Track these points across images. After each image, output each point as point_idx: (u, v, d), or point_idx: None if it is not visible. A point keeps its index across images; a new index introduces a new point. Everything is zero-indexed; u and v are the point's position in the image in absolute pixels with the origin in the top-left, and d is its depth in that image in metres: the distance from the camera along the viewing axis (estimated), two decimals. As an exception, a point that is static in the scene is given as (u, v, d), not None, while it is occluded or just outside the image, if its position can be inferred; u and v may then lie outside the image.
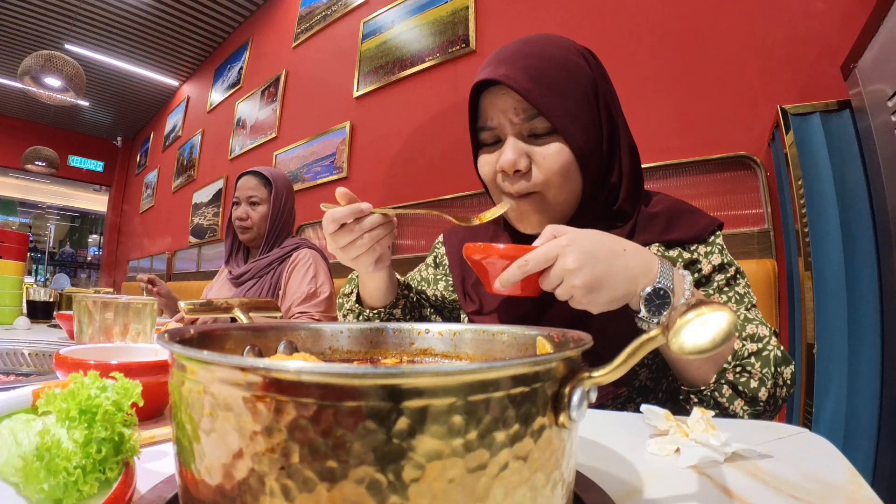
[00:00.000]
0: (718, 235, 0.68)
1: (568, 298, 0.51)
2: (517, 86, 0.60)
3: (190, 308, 0.64)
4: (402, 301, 0.78)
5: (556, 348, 0.29)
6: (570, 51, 0.65)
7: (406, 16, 2.42)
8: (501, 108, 0.63)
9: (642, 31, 1.61)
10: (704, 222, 0.67)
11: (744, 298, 0.64)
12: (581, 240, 0.50)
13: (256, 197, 1.55)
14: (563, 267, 0.49)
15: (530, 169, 0.63)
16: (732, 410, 0.56)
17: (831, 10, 1.26)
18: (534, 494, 0.20)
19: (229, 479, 0.19)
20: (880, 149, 0.96)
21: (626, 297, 0.51)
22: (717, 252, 0.66)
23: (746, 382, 0.55)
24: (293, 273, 1.48)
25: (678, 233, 0.66)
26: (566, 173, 0.63)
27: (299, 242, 1.57)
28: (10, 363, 0.95)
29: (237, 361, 0.19)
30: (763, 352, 0.56)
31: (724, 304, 0.62)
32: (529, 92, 0.60)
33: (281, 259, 1.52)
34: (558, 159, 0.62)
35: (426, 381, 0.18)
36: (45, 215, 8.00)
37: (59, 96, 3.68)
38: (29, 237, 1.60)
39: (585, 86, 0.63)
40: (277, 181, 1.57)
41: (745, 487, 0.34)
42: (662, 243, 0.66)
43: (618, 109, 0.68)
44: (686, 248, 0.66)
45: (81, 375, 0.30)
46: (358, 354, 0.37)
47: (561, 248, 0.50)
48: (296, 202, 1.67)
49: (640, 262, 0.51)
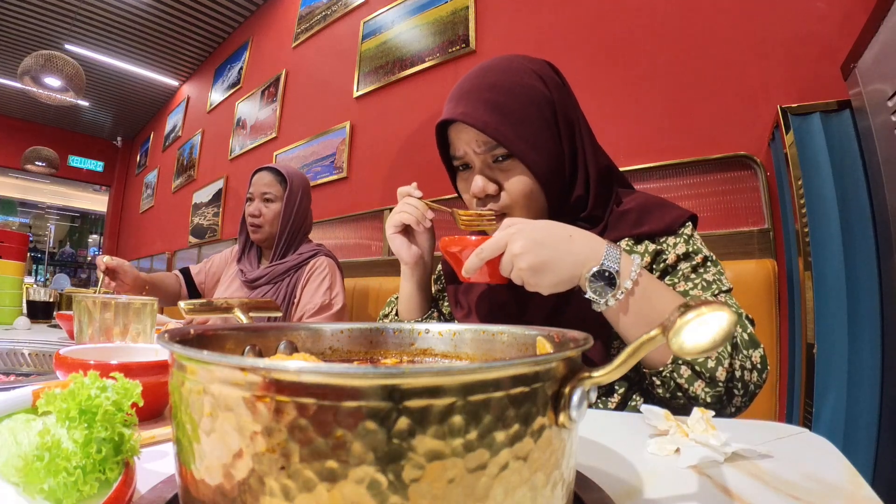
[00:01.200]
0: (688, 226, 0.69)
1: (520, 282, 0.57)
2: (474, 122, 0.65)
3: (190, 308, 0.64)
4: (436, 313, 0.83)
5: (556, 348, 0.29)
6: (526, 75, 0.68)
7: (406, 16, 2.42)
8: (465, 141, 0.69)
9: (642, 31, 1.61)
10: (675, 214, 0.69)
11: (712, 285, 0.64)
12: (528, 228, 0.56)
13: (270, 194, 1.50)
14: (512, 252, 0.55)
15: (499, 192, 0.69)
16: (693, 392, 0.56)
17: (831, 10, 1.25)
18: (534, 494, 0.20)
19: (229, 479, 0.19)
20: (880, 149, 0.96)
21: (571, 280, 0.55)
22: (682, 242, 0.67)
23: (704, 362, 0.56)
24: (309, 282, 1.44)
25: (648, 226, 0.68)
26: (529, 195, 0.68)
27: (317, 249, 1.52)
28: (10, 363, 0.95)
29: (237, 361, 0.19)
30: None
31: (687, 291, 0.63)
32: (487, 126, 0.65)
33: (298, 266, 1.47)
34: (520, 186, 0.68)
35: (426, 381, 0.18)
36: (45, 215, 8.00)
37: (59, 96, 3.68)
38: (29, 237, 1.60)
39: (542, 109, 0.67)
40: (293, 179, 1.52)
41: (745, 487, 0.34)
42: (632, 237, 0.68)
43: (579, 123, 0.71)
44: (655, 240, 0.68)
45: (81, 375, 0.30)
46: (358, 354, 0.37)
47: (510, 236, 0.56)
48: (296, 202, 1.64)
49: (586, 246, 0.55)
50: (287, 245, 1.52)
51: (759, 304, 1.09)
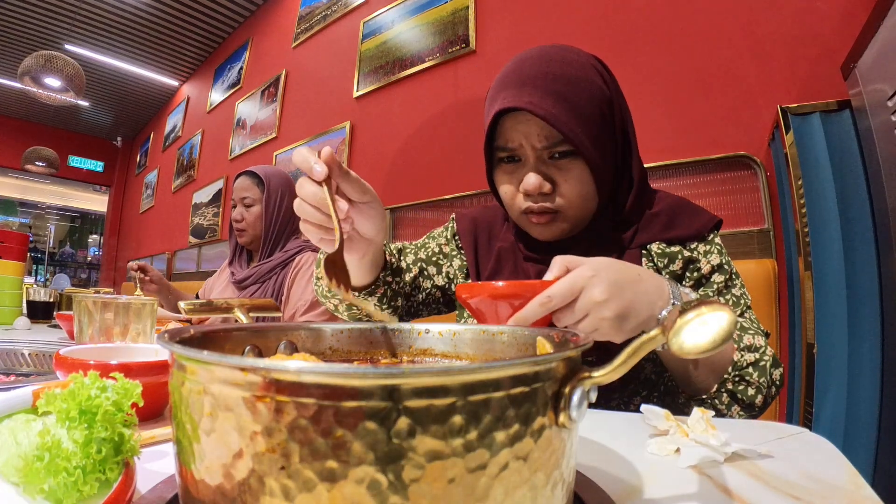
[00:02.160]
0: (716, 234, 0.69)
1: (591, 330, 0.49)
2: (544, 114, 0.60)
3: (190, 308, 0.64)
4: (382, 288, 0.69)
5: (556, 348, 0.29)
6: (588, 70, 0.65)
7: (406, 16, 2.42)
8: (524, 133, 0.63)
9: (642, 31, 1.61)
10: (704, 219, 0.69)
11: (740, 300, 0.66)
12: (603, 270, 0.49)
13: (249, 198, 1.51)
14: (591, 300, 0.47)
15: (553, 191, 0.64)
16: (729, 415, 0.58)
17: (831, 9, 1.25)
18: (534, 494, 0.20)
19: (229, 479, 0.19)
20: (880, 149, 0.96)
21: (647, 323, 0.51)
22: (715, 252, 0.67)
23: (744, 391, 0.58)
24: (296, 279, 1.44)
25: (678, 231, 0.67)
26: (585, 197, 0.65)
27: (302, 245, 1.52)
28: (10, 363, 0.95)
29: (237, 361, 0.19)
30: (760, 362, 0.58)
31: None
32: (556, 119, 0.60)
33: (284, 263, 1.48)
34: (578, 187, 0.64)
35: (426, 381, 0.18)
36: (45, 215, 8.00)
37: (58, 96, 3.68)
38: (29, 237, 1.60)
39: (603, 106, 0.64)
40: (271, 180, 1.52)
41: (745, 487, 0.34)
42: (663, 241, 0.67)
43: (629, 121, 0.69)
44: (686, 245, 0.67)
45: (81, 376, 0.30)
46: (358, 354, 0.37)
47: (586, 280, 0.48)
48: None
49: (654, 286, 0.52)
50: (273, 245, 1.52)
51: (760, 304, 1.09)
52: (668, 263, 0.67)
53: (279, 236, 1.53)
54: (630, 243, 0.68)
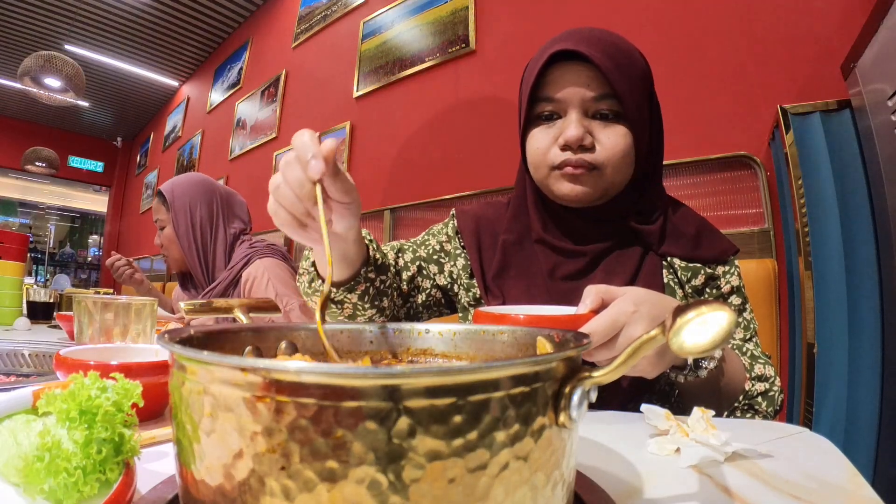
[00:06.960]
0: (735, 259, 0.71)
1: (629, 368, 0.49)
2: (601, 63, 0.59)
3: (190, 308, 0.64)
4: (364, 285, 0.63)
5: (557, 348, 0.29)
6: (636, 52, 0.66)
7: (406, 16, 2.42)
8: (574, 82, 0.62)
9: (642, 31, 1.60)
10: (725, 245, 0.71)
11: (750, 325, 0.68)
12: (643, 304, 0.46)
13: (159, 220, 1.36)
14: (633, 337, 0.43)
15: (593, 146, 0.63)
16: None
17: (831, 9, 1.25)
18: (534, 494, 0.20)
19: (230, 479, 0.19)
20: (880, 149, 0.96)
21: (679, 358, 0.49)
22: (735, 274, 0.69)
23: (751, 419, 0.59)
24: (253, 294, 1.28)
25: (703, 252, 0.69)
26: (624, 159, 0.64)
27: (248, 254, 1.33)
28: (11, 364, 0.95)
29: (237, 362, 0.19)
30: (769, 392, 0.60)
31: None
32: (610, 72, 0.60)
33: (234, 283, 1.30)
34: (622, 142, 0.63)
35: (426, 381, 0.18)
36: (45, 216, 7.99)
37: (58, 97, 3.68)
38: (29, 238, 1.60)
39: (645, 81, 0.65)
40: (175, 192, 1.34)
41: (746, 487, 0.34)
42: (686, 258, 0.69)
43: (660, 115, 0.71)
44: (708, 264, 0.69)
45: (81, 376, 0.30)
46: (358, 354, 0.37)
47: (628, 317, 0.45)
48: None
49: None
50: (207, 264, 1.36)
51: (760, 304, 1.09)
52: (692, 278, 0.68)
53: (206, 253, 1.35)
54: (654, 247, 0.69)
